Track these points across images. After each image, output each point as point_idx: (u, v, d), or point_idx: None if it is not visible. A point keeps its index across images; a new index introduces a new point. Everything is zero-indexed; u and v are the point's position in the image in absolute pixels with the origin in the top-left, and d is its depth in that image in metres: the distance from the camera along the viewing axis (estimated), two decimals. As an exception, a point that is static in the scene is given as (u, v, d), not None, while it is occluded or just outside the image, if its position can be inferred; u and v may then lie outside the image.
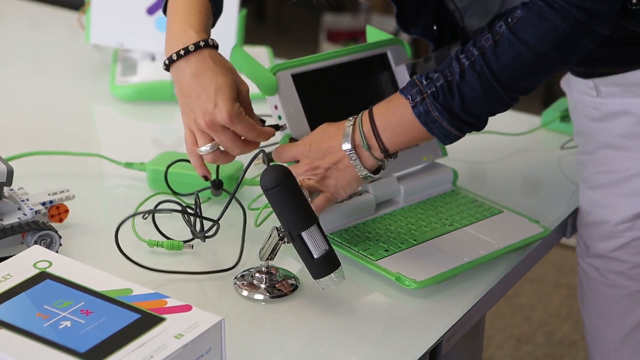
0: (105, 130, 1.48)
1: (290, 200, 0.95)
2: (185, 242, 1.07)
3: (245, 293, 1.00)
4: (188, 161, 1.09)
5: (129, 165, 1.25)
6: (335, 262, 0.97)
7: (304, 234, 0.95)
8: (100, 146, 1.41)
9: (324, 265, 0.96)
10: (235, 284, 1.01)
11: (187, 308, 0.84)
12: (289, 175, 0.95)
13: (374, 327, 0.97)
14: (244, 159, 1.19)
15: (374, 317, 0.98)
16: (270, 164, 0.96)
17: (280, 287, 1.01)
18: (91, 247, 1.09)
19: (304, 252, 0.96)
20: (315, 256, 0.96)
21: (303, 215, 0.95)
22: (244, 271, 1.03)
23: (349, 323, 0.97)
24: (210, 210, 1.15)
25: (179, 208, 1.08)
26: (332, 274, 0.96)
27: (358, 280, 1.03)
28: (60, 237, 1.06)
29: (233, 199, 1.05)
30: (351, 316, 0.98)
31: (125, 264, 1.02)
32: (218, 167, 1.13)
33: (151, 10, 1.52)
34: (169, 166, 1.16)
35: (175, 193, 1.17)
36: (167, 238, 1.08)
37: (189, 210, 1.08)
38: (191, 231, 1.08)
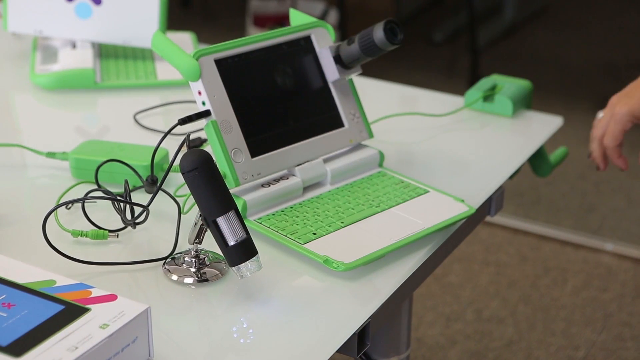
0: (26, 120, 1.45)
1: (207, 185, 0.94)
2: (110, 231, 1.06)
3: (174, 277, 1.00)
4: (118, 161, 1.11)
5: (51, 154, 1.22)
6: (252, 250, 0.96)
7: (219, 220, 0.95)
8: (21, 136, 1.37)
9: (239, 254, 0.95)
10: (165, 267, 1.01)
11: (112, 298, 0.84)
12: (207, 159, 0.94)
13: (303, 310, 0.97)
14: (170, 146, 1.19)
15: (302, 300, 0.98)
16: (192, 149, 0.95)
17: (209, 270, 1.00)
18: (13, 239, 1.07)
19: (219, 238, 0.95)
20: (229, 243, 0.95)
21: (219, 201, 0.94)
22: (174, 255, 1.02)
23: (278, 307, 0.97)
24: (137, 198, 1.14)
25: (108, 196, 1.06)
26: (247, 262, 0.95)
27: (286, 264, 1.03)
28: (-20, 230, 1.04)
29: (169, 190, 1.04)
30: (280, 300, 0.98)
31: (50, 256, 1.00)
32: (153, 163, 1.11)
33: (70, -3, 1.49)
34: (99, 166, 1.13)
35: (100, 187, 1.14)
36: (99, 227, 1.06)
37: (118, 198, 1.07)
38: (121, 219, 1.06)
